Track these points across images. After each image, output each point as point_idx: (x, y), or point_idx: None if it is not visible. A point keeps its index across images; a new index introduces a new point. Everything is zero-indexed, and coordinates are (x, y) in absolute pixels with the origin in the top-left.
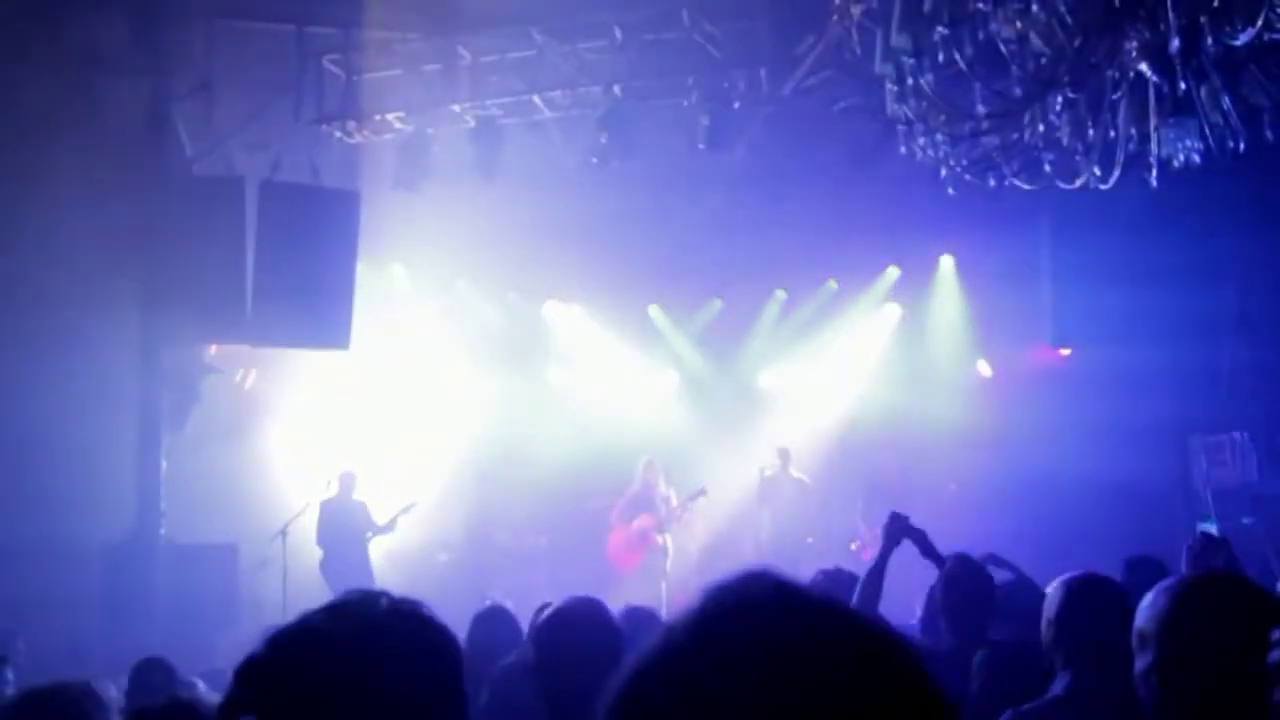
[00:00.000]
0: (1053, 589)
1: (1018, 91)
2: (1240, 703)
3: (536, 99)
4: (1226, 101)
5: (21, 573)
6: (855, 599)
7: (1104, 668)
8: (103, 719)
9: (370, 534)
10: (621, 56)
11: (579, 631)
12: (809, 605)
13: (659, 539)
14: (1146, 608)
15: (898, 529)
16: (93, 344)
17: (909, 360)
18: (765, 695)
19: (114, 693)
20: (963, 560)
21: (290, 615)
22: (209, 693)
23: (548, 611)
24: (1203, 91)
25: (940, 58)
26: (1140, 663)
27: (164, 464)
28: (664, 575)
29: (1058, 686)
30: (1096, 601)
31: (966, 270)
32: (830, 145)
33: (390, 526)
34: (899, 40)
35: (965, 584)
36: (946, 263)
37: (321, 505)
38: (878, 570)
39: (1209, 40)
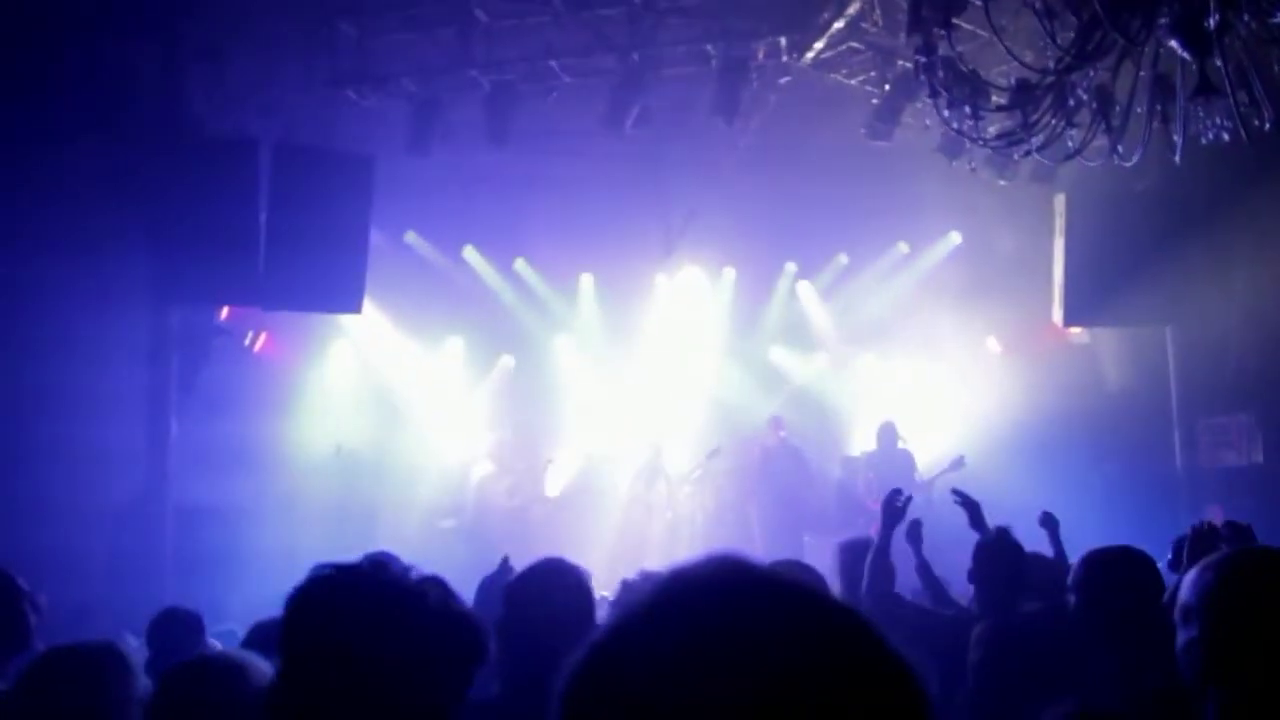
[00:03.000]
0: (1077, 562)
1: (1048, 65)
2: None
3: (553, 65)
4: (1256, 80)
5: (29, 532)
6: (865, 579)
7: (1143, 642)
8: (127, 679)
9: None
10: (639, 24)
11: (550, 593)
12: (768, 587)
13: (670, 506)
14: (1192, 583)
15: (895, 507)
16: (104, 304)
17: (917, 336)
18: (720, 677)
19: (134, 644)
20: (999, 534)
21: (296, 578)
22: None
23: (520, 571)
24: (1230, 69)
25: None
26: (1184, 636)
27: (174, 425)
28: (676, 543)
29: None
30: (1129, 572)
31: (977, 248)
32: (841, 118)
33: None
34: (930, 11)
35: (994, 557)
36: (953, 239)
37: (333, 465)
38: (883, 550)
39: (1245, 17)
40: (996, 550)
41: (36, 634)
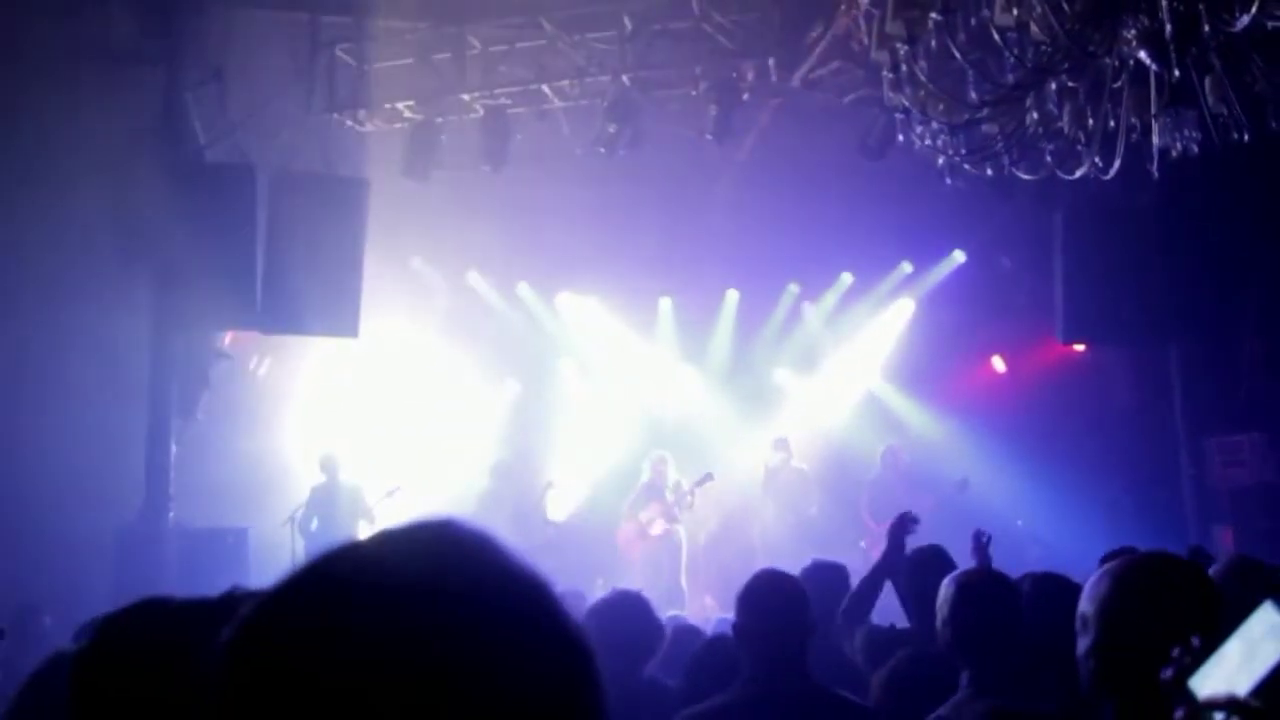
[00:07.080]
0: (945, 585)
1: (1014, 79)
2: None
3: (545, 88)
4: (1229, 91)
5: (32, 556)
6: (850, 597)
7: (1001, 664)
8: None
9: (362, 519)
10: (630, 46)
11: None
12: (457, 552)
13: (670, 528)
14: (1088, 590)
15: (903, 532)
16: (104, 329)
17: (921, 355)
18: (386, 644)
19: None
20: (933, 551)
21: None
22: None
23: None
24: (1206, 81)
25: (934, 44)
26: (1081, 644)
27: (174, 449)
28: (675, 564)
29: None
30: (987, 598)
31: (979, 265)
32: (840, 137)
33: (372, 513)
34: (893, 26)
35: (930, 574)
36: (957, 258)
37: (311, 490)
38: (880, 571)
39: (1207, 27)
40: (931, 566)
41: (7, 662)
